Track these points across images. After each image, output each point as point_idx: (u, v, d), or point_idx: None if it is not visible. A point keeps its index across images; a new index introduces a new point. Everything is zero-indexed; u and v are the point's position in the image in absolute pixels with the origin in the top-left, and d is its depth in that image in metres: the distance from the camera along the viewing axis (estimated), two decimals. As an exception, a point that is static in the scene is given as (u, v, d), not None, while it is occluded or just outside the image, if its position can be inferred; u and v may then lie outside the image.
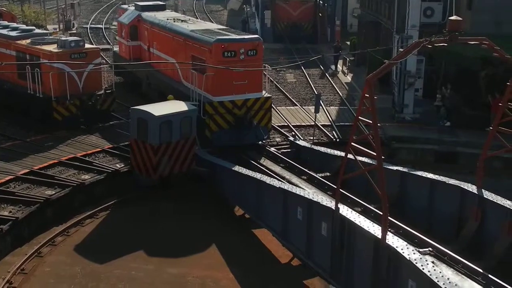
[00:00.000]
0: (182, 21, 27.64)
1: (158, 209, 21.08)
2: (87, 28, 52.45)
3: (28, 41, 27.36)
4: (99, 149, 23.80)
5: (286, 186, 17.81)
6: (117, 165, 22.52)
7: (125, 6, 35.12)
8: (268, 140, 24.27)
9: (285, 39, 47.51)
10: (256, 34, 40.78)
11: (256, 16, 53.55)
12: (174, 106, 21.85)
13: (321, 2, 51.04)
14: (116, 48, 34.18)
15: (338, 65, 39.88)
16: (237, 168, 20.25)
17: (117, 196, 21.59)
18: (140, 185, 21.78)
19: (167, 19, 27.93)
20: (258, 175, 19.10)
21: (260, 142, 23.12)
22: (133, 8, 32.48)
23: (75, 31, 47.07)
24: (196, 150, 21.99)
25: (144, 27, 29.82)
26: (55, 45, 26.30)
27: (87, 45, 27.70)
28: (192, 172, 21.93)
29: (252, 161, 21.57)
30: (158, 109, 21.37)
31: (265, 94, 23.38)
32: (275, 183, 18.23)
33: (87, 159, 22.86)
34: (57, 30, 47.64)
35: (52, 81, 24.98)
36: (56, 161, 22.45)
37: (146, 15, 30.00)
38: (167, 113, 21.06)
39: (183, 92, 23.73)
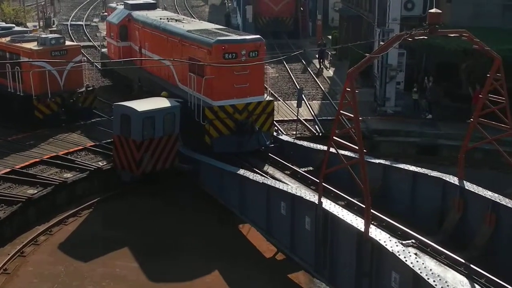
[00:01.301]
0: (176, 20, 26.50)
1: (141, 206, 21.00)
2: (67, 25, 52.05)
3: (8, 38, 27.12)
4: (81, 147, 23.66)
5: (269, 181, 17.83)
6: (100, 163, 22.39)
7: (113, 5, 34.38)
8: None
9: (267, 34, 47.47)
10: (238, 29, 40.76)
11: (237, 11, 53.47)
12: (157, 103, 21.74)
13: (302, -4, 51.09)
14: (104, 49, 33.29)
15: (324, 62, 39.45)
16: (220, 164, 20.21)
17: (100, 194, 21.51)
18: (123, 182, 21.68)
19: (160, 19, 26.79)
20: (241, 171, 19.10)
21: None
22: (122, 7, 31.38)
23: (55, 28, 46.70)
24: (179, 147, 21.91)
25: (135, 27, 28.80)
26: (35, 43, 26.09)
27: (67, 42, 27.52)
28: (175, 168, 21.85)
29: (235, 156, 21.49)
30: (141, 105, 21.27)
31: (267, 97, 22.36)
32: (258, 178, 18.24)
33: (69, 157, 22.70)
34: (37, 27, 47.25)
35: (32, 79, 24.78)
36: (37, 159, 22.29)
37: (137, 14, 29.00)
38: (150, 109, 20.97)
39: (179, 96, 22.73)
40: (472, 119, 15.93)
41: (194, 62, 21.75)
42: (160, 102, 21.78)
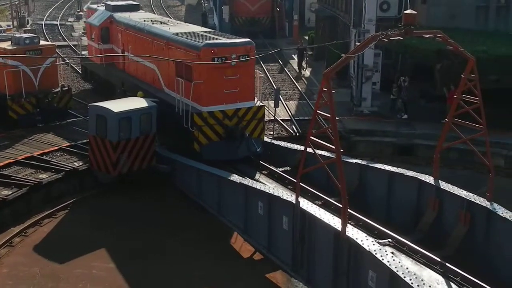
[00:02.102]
0: (161, 22, 25.72)
1: (118, 206, 20.88)
2: (42, 24, 51.53)
3: (-19, 38, 26.79)
4: (57, 148, 23.44)
5: (247, 181, 17.85)
6: (75, 163, 22.19)
7: (94, 6, 33.76)
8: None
9: (243, 34, 47.42)
10: (215, 29, 40.68)
11: (214, 11, 53.42)
12: (133, 103, 21.63)
13: (279, -4, 51.21)
14: (85, 52, 32.55)
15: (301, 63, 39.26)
16: (197, 164, 20.15)
17: (76, 195, 21.33)
18: (99, 182, 21.54)
19: (144, 21, 26.12)
20: (218, 171, 19.07)
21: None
22: (103, 8, 30.71)
23: (29, 28, 46.17)
24: (156, 147, 21.82)
25: (117, 29, 28.13)
26: (9, 42, 25.79)
27: (42, 42, 27.24)
28: (152, 169, 21.75)
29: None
30: (117, 105, 21.14)
31: (257, 102, 21.66)
32: (236, 178, 18.24)
33: (44, 158, 22.47)
34: (11, 27, 46.68)
35: (6, 79, 24.48)
36: (12, 160, 22.03)
37: (119, 16, 28.32)
38: (126, 109, 20.84)
39: (165, 101, 22.10)
40: (447, 119, 16.11)
41: (180, 68, 21.08)
42: (136, 102, 21.67)
